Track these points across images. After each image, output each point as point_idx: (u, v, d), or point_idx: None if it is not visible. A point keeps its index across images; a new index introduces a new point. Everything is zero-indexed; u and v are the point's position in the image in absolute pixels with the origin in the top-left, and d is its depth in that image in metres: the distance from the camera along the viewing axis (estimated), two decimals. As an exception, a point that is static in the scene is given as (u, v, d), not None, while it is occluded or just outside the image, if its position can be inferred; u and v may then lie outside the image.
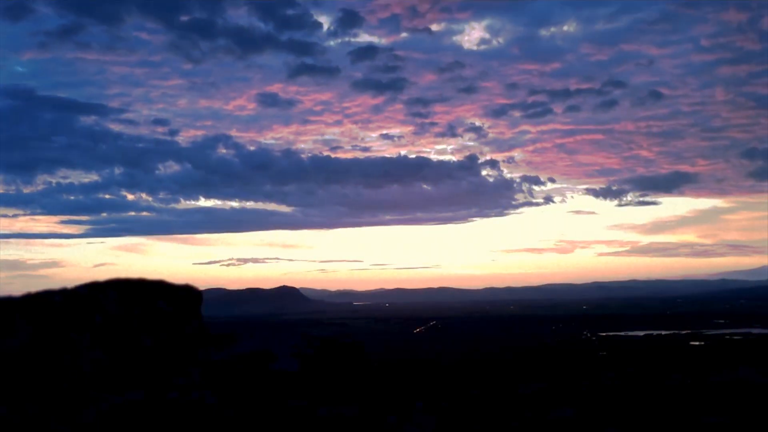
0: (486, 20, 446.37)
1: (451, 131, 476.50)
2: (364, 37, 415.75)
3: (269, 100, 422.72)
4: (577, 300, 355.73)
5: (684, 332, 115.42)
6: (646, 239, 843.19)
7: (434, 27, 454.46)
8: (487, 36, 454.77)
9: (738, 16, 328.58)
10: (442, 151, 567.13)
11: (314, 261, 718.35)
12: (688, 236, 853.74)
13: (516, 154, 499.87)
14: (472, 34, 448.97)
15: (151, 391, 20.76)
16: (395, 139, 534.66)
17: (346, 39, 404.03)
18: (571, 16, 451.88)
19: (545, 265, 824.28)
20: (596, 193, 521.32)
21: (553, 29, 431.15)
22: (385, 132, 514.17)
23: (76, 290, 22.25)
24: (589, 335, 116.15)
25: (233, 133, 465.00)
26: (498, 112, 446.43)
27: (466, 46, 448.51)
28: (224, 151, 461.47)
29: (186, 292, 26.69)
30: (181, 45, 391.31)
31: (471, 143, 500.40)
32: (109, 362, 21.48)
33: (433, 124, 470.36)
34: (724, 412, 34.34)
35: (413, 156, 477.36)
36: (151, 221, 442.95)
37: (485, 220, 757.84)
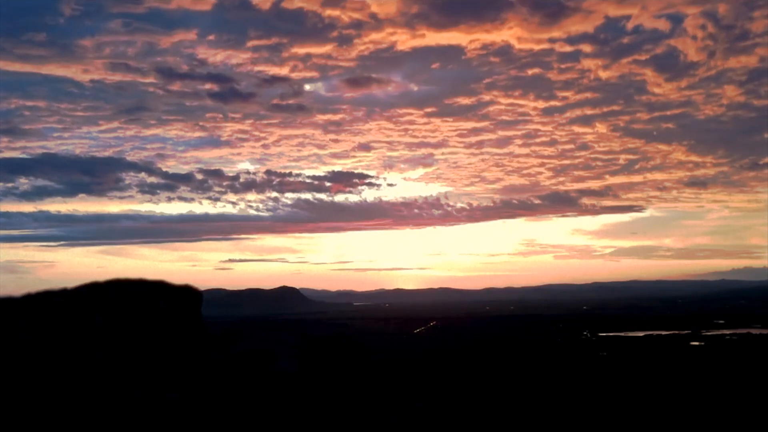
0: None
1: (365, 150, 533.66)
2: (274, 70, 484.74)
3: (200, 127, 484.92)
4: (578, 300, 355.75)
5: (684, 332, 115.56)
6: (625, 244, 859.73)
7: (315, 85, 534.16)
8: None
9: (559, 76, 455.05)
10: (368, 166, 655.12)
11: (305, 263, 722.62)
12: (666, 240, 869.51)
13: (429, 169, 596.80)
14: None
15: (151, 391, 20.77)
16: (322, 157, 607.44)
17: (259, 71, 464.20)
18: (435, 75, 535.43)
19: (540, 266, 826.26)
20: (551, 202, 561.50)
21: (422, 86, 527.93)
22: (308, 152, 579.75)
23: (77, 290, 22.26)
24: (589, 335, 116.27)
25: (181, 154, 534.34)
26: (397, 140, 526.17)
27: (350, 95, 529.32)
28: (181, 164, 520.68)
29: (186, 293, 26.71)
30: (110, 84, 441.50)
31: (397, 163, 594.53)
32: (109, 362, 21.48)
33: (351, 144, 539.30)
34: (725, 412, 34.38)
35: (347, 170, 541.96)
36: (126, 228, 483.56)
37: (463, 225, 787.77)
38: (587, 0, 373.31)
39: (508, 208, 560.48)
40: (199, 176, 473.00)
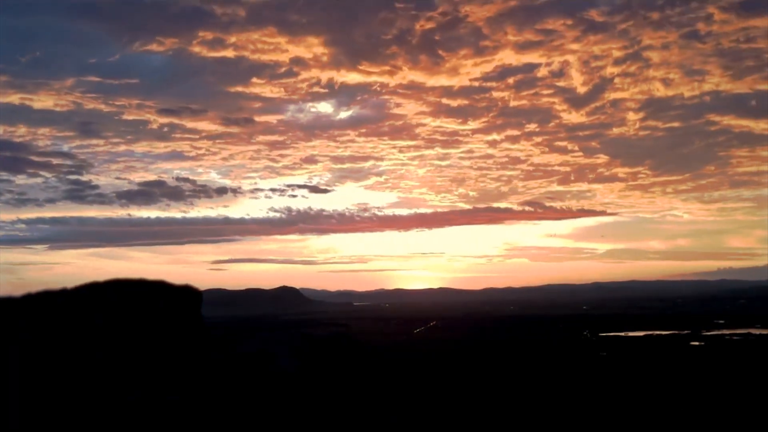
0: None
1: (312, 163, 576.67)
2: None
3: (163, 144, 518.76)
4: (577, 300, 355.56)
5: (684, 332, 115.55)
6: (609, 246, 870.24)
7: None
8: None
9: (476, 103, 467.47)
10: (321, 177, 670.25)
11: (302, 263, 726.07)
12: (652, 242, 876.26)
13: (381, 179, 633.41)
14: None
15: (152, 392, 20.74)
16: (276, 169, 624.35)
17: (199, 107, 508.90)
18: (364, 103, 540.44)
19: (536, 267, 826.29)
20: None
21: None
22: (263, 165, 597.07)
23: (77, 290, 22.24)
24: (589, 335, 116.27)
25: (150, 165, 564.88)
26: (341, 154, 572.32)
27: (288, 119, 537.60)
28: (151, 175, 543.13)
29: (186, 293, 26.70)
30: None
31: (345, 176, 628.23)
32: (109, 362, 21.45)
33: (299, 157, 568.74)
34: (726, 412, 34.37)
35: (306, 180, 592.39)
36: (113, 232, 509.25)
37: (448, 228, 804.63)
38: (451, 60, 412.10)
39: (476, 213, 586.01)
40: (173, 183, 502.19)
